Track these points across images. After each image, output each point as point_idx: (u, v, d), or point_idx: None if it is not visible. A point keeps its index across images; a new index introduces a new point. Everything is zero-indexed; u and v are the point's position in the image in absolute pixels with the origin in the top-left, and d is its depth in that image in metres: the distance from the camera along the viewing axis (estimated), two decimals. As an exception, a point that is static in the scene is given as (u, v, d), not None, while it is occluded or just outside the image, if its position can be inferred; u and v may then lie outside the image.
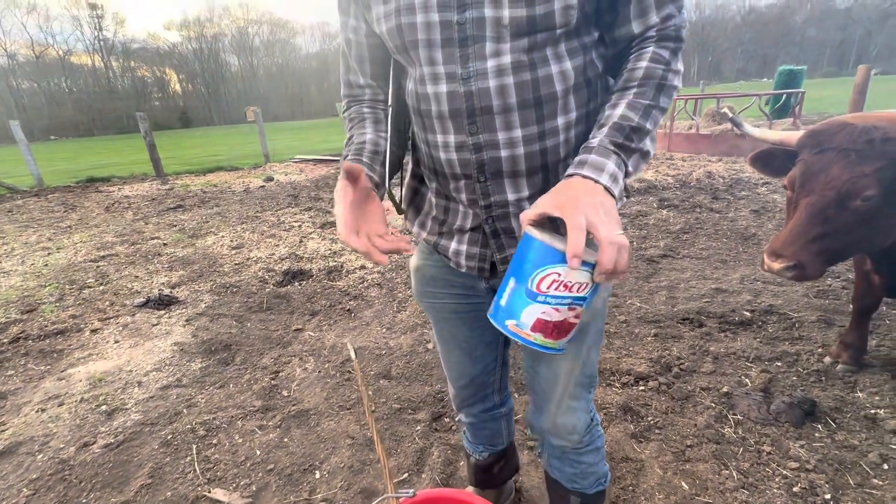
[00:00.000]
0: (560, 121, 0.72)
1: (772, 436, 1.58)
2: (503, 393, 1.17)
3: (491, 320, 0.65)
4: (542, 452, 1.08)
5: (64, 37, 63.42)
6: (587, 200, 0.59)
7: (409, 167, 0.93)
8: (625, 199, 0.87)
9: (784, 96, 8.82)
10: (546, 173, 0.75)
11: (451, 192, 0.81)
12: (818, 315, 2.33)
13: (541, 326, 0.61)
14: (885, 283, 1.73)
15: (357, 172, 0.67)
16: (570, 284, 0.59)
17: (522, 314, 0.61)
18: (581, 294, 0.60)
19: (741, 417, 1.68)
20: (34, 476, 1.61)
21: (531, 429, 1.04)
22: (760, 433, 1.60)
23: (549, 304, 0.60)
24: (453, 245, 0.85)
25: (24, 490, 1.55)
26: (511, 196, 0.76)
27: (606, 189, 0.62)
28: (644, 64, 0.69)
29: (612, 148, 0.65)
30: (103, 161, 13.99)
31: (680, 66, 0.71)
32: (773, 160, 1.60)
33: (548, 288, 0.59)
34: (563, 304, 0.60)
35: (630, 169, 0.67)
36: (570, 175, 0.64)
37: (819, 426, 1.61)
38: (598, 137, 0.67)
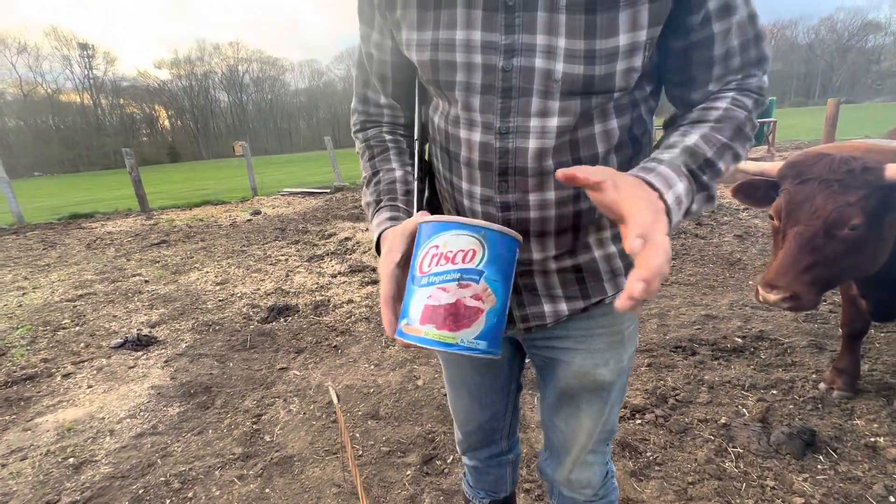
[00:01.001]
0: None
1: (774, 469, 1.53)
2: (511, 439, 1.11)
3: (396, 337, 0.54)
4: (552, 498, 1.02)
5: (53, 76, 64.06)
6: (653, 213, 0.46)
7: (425, 194, 0.81)
8: None
9: (757, 125, 9.20)
10: (576, 233, 0.68)
11: None
12: (809, 340, 2.33)
13: (429, 314, 0.49)
14: (873, 308, 1.74)
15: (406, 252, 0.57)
16: (451, 254, 0.49)
17: (411, 307, 0.51)
18: (469, 265, 0.49)
19: (741, 450, 1.63)
20: (-12, 542, 1.47)
21: (542, 475, 0.98)
22: (762, 467, 1.55)
23: (432, 283, 0.49)
24: None
25: (-24, 559, 1.41)
26: (536, 255, 0.69)
27: (667, 211, 0.49)
28: (723, 105, 0.61)
29: (685, 171, 0.54)
30: (88, 197, 13.84)
31: (756, 114, 0.63)
32: (754, 191, 1.62)
33: (429, 265, 0.49)
34: (450, 280, 0.49)
35: (694, 207, 0.56)
36: (632, 174, 0.52)
37: (820, 457, 1.57)
38: (667, 155, 0.55)
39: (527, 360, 0.96)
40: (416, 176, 0.75)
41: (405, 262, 0.56)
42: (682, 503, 1.44)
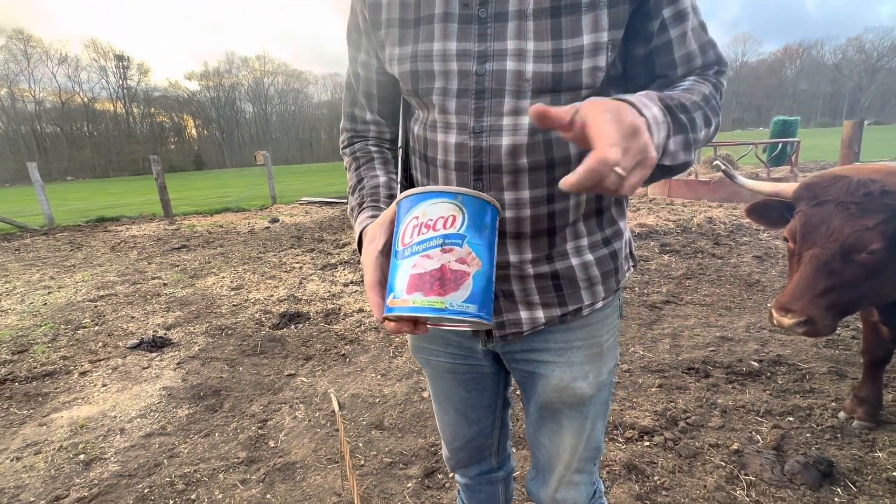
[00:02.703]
0: None
1: (788, 500, 1.47)
2: (502, 455, 1.10)
3: (384, 316, 0.52)
4: None
5: (90, 85, 67.10)
6: (629, 130, 0.43)
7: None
8: (631, 269, 0.82)
9: (780, 145, 9.03)
10: (552, 237, 0.70)
11: None
12: (829, 366, 2.24)
13: (416, 283, 0.48)
14: (894, 335, 1.67)
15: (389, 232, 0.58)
16: (430, 222, 0.49)
17: (397, 281, 0.50)
18: (450, 230, 0.49)
19: (754, 478, 1.57)
20: (-2, 533, 1.51)
21: (530, 494, 0.97)
22: (775, 497, 1.49)
23: (415, 252, 0.49)
24: None
25: (-14, 549, 1.45)
26: (513, 258, 0.70)
27: (647, 126, 0.47)
28: (686, 83, 0.64)
29: (659, 102, 0.53)
30: (115, 201, 14.34)
31: (717, 102, 0.65)
32: (769, 212, 1.60)
33: (410, 236, 0.50)
34: (433, 247, 0.49)
35: (671, 146, 0.53)
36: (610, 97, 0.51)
37: (838, 489, 1.50)
38: (640, 92, 0.54)
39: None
40: (398, 180, 0.77)
41: (388, 250, 0.56)
42: (690, 531, 1.39)
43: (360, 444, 1.90)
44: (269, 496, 1.64)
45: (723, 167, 1.90)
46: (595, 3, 0.59)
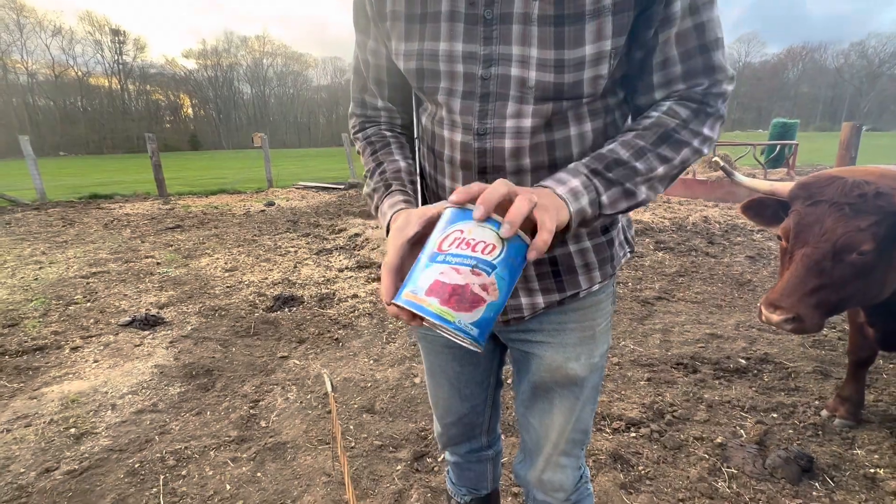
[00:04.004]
0: None
1: (767, 493, 1.51)
2: (492, 435, 1.12)
3: (393, 302, 0.55)
4: (527, 502, 1.02)
5: (85, 59, 65.72)
6: (526, 188, 0.52)
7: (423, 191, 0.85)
8: (627, 254, 0.84)
9: (778, 147, 9.07)
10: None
11: None
12: (814, 366, 2.29)
13: (437, 289, 0.51)
14: (880, 336, 1.70)
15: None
16: (472, 242, 0.51)
17: (420, 278, 0.52)
18: (486, 257, 0.51)
19: (735, 471, 1.61)
20: (-12, 502, 1.52)
21: (517, 478, 0.99)
22: (755, 489, 1.53)
23: (448, 262, 0.51)
24: None
25: (-25, 518, 1.46)
26: None
27: (563, 199, 0.56)
28: (655, 114, 0.64)
29: (585, 171, 0.60)
30: (109, 179, 14.16)
31: (705, 129, 0.64)
32: (764, 209, 1.61)
33: (449, 245, 0.51)
34: (465, 265, 0.51)
35: (604, 200, 0.60)
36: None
37: (816, 484, 1.54)
38: (572, 164, 0.62)
39: (506, 358, 0.98)
40: (416, 169, 0.78)
41: (416, 241, 0.57)
42: (671, 519, 1.42)
43: (351, 427, 1.92)
44: (259, 474, 1.66)
45: (722, 164, 1.91)
46: (600, 10, 0.58)
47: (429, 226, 0.57)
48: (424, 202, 0.81)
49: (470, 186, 0.50)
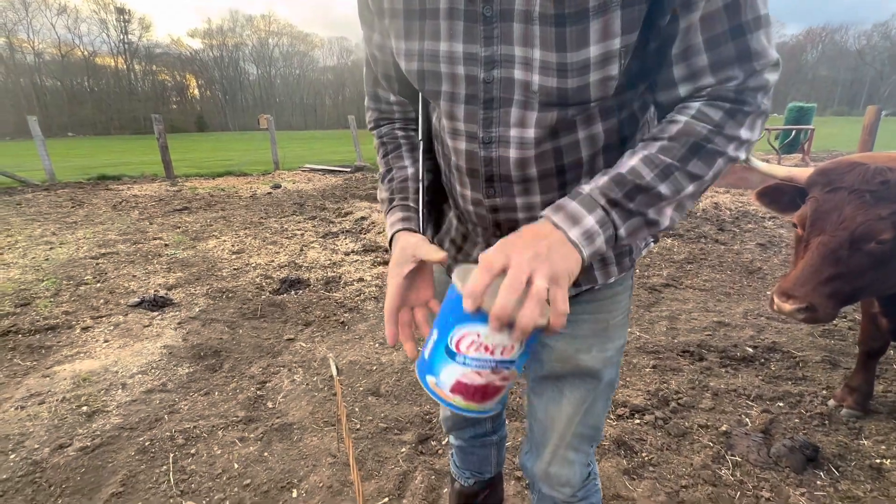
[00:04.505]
0: (585, 182, 0.65)
1: (771, 481, 1.51)
2: (497, 420, 1.12)
3: (415, 370, 0.59)
4: (532, 493, 1.02)
5: (90, 38, 65.28)
6: (529, 242, 0.49)
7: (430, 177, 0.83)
8: (650, 244, 0.81)
9: (793, 132, 8.85)
10: None
11: (470, 230, 0.78)
12: (823, 355, 2.26)
13: (461, 389, 0.53)
14: (893, 327, 1.67)
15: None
16: (491, 347, 0.51)
17: (442, 372, 0.54)
18: (507, 357, 0.51)
19: (739, 459, 1.61)
20: (4, 476, 1.56)
21: (523, 469, 0.99)
22: (759, 477, 1.53)
23: (468, 366, 0.52)
24: None
25: (-8, 491, 1.50)
26: None
27: (575, 245, 0.51)
28: (683, 119, 0.56)
29: (602, 202, 0.54)
30: (116, 160, 14.20)
31: (743, 132, 0.55)
32: (780, 196, 1.57)
33: (467, 348, 0.51)
34: (486, 368, 0.52)
35: (622, 233, 0.54)
36: (540, 217, 0.55)
37: (821, 473, 1.54)
38: (590, 185, 0.55)
39: None
40: (420, 176, 0.76)
41: (411, 275, 0.65)
42: (673, 505, 1.43)
43: (357, 409, 1.94)
44: (266, 454, 1.68)
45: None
46: (606, 4, 0.52)
47: (425, 268, 0.67)
48: (438, 207, 0.84)
49: (475, 284, 0.47)
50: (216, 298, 3.09)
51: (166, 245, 4.38)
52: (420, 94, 0.74)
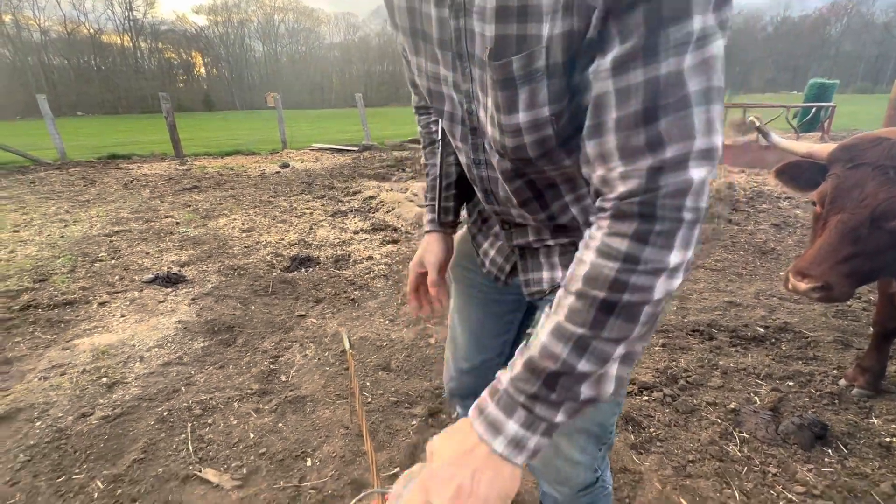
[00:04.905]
0: (569, 198, 0.66)
1: (779, 457, 1.52)
2: None
3: None
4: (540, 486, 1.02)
5: (96, 15, 64.65)
6: (452, 472, 0.45)
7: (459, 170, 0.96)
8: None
9: (813, 110, 8.57)
10: (565, 229, 0.73)
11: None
12: (835, 336, 2.24)
13: None
14: (911, 307, 1.65)
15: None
16: None
17: None
18: None
19: (747, 436, 1.62)
20: (31, 443, 1.63)
21: (529, 466, 0.99)
22: (767, 453, 1.54)
23: None
24: (485, 245, 0.89)
25: (21, 456, 1.57)
26: (532, 238, 0.75)
27: (504, 458, 0.46)
28: (589, 258, 0.46)
29: (521, 399, 0.47)
30: (126, 139, 14.23)
31: (670, 257, 0.43)
32: (799, 173, 1.53)
33: None
34: None
35: (559, 420, 0.47)
36: (468, 418, 0.50)
37: (829, 451, 1.54)
38: (507, 375, 0.50)
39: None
40: (440, 173, 0.87)
41: (428, 281, 0.91)
42: (680, 479, 1.45)
43: (368, 384, 1.98)
44: (280, 425, 1.73)
45: (757, 123, 1.80)
46: (531, 75, 0.48)
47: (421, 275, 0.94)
48: (459, 205, 0.93)
49: None
50: (228, 275, 3.13)
51: (177, 223, 4.42)
52: None
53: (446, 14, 0.54)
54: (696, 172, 0.42)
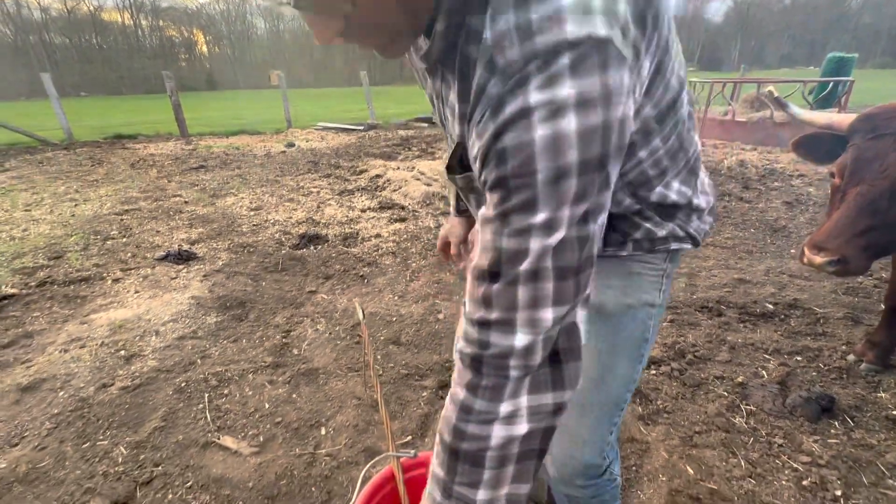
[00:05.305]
0: None
1: (785, 429, 1.54)
2: None
3: None
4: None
5: (95, -8, 63.44)
6: None
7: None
8: (685, 247, 0.71)
9: (831, 85, 8.31)
10: None
11: None
12: (845, 312, 2.24)
13: None
14: (925, 282, 1.64)
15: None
16: None
17: None
18: None
19: (754, 408, 1.64)
20: (56, 411, 1.68)
21: None
22: (773, 425, 1.56)
23: None
24: None
25: (46, 423, 1.62)
26: None
27: None
28: (447, 399, 0.51)
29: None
30: (131, 119, 14.17)
31: (502, 407, 0.46)
32: (818, 145, 1.50)
33: None
34: None
35: None
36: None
37: (836, 423, 1.56)
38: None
39: None
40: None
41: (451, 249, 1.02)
42: (686, 448, 1.48)
43: (379, 357, 2.01)
44: (294, 396, 1.77)
45: (776, 93, 1.76)
46: (475, 190, 0.64)
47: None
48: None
49: None
50: (238, 253, 3.16)
51: (186, 202, 4.44)
52: None
53: (435, 97, 0.64)
54: (520, 339, 0.45)
